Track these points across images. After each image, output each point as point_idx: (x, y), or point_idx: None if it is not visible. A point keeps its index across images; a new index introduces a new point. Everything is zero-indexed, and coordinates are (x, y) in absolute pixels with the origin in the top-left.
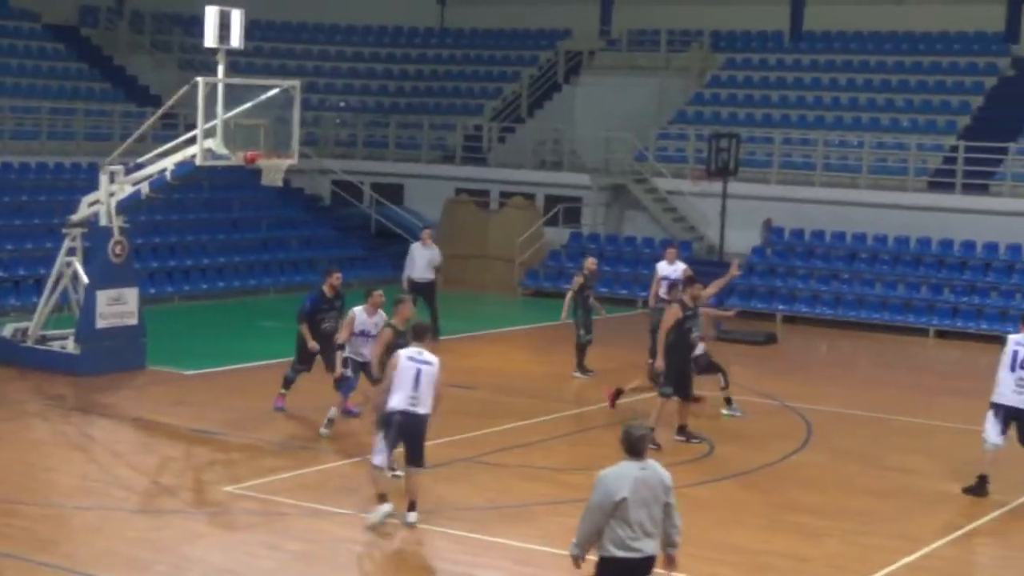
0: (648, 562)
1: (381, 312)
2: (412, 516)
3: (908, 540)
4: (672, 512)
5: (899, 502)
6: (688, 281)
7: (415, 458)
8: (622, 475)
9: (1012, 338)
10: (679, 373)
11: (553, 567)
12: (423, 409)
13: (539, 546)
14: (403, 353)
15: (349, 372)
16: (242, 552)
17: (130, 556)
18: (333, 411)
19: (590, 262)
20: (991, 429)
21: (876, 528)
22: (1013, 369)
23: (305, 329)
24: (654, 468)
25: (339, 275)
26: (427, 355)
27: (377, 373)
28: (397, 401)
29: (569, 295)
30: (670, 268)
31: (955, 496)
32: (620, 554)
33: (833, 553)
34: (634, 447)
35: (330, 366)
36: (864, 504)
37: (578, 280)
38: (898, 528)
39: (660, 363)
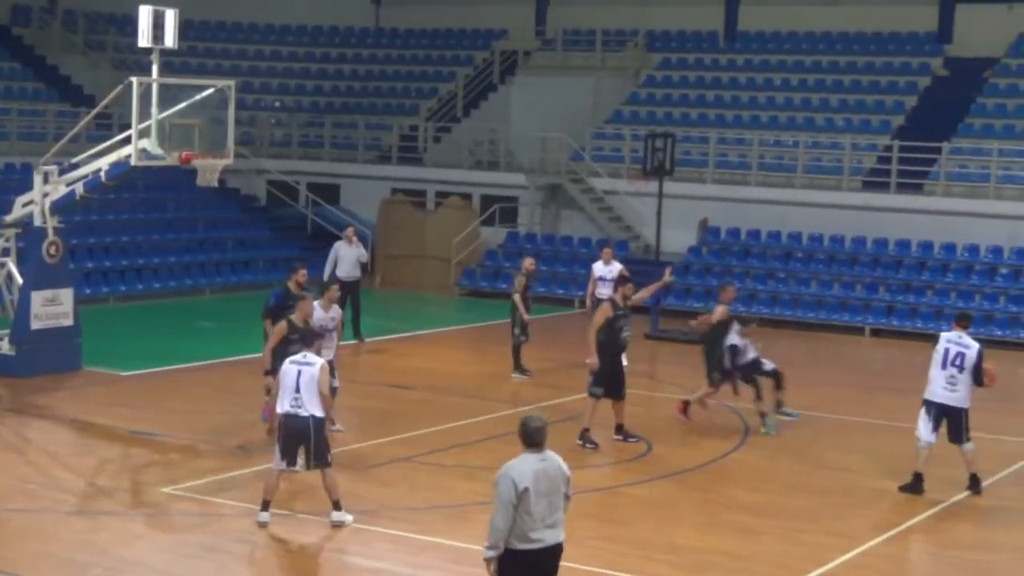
0: (550, 551)
1: (336, 307)
2: (336, 516)
3: (845, 538)
4: (568, 506)
5: (836, 500)
6: (620, 280)
7: (315, 458)
8: (521, 468)
9: (944, 336)
10: (610, 372)
11: None
12: (306, 411)
13: (477, 545)
14: (288, 359)
15: None
16: (180, 554)
17: (67, 558)
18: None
19: (528, 262)
20: (923, 427)
21: (813, 526)
22: (944, 367)
23: (269, 325)
24: (553, 459)
25: (304, 271)
26: (310, 357)
27: (268, 365)
28: (282, 405)
29: (518, 296)
30: (606, 268)
31: (891, 494)
32: (521, 546)
33: (771, 551)
34: (531, 439)
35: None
36: (801, 502)
37: (520, 280)
38: (835, 526)
39: (594, 361)
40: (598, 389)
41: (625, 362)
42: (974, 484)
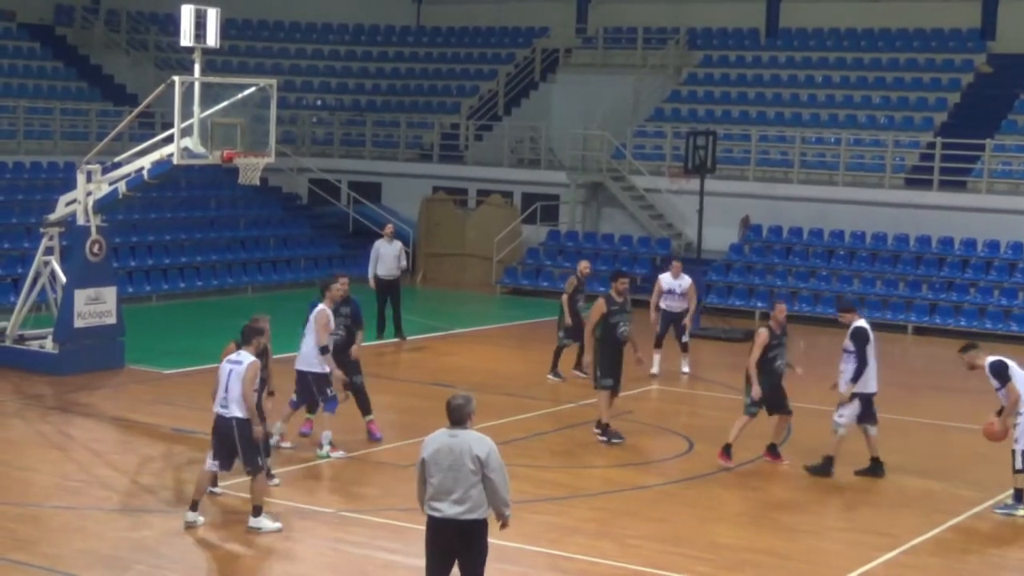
0: (454, 525)
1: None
2: (252, 521)
3: (886, 537)
4: (493, 487)
5: (878, 499)
6: (615, 275)
7: (244, 462)
8: (430, 439)
9: (866, 323)
10: (613, 365)
11: (533, 564)
12: (230, 412)
13: (518, 544)
14: (226, 358)
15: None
16: (222, 551)
17: (110, 555)
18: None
19: (583, 265)
20: (852, 414)
21: (855, 525)
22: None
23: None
24: (465, 437)
25: (345, 279)
26: (242, 355)
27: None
28: (215, 404)
29: (565, 298)
30: (675, 282)
31: (933, 492)
32: (427, 511)
33: (812, 550)
34: (450, 415)
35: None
36: (843, 501)
37: (571, 282)
38: (877, 525)
39: (588, 357)
40: (607, 380)
41: (639, 356)
42: (878, 467)
